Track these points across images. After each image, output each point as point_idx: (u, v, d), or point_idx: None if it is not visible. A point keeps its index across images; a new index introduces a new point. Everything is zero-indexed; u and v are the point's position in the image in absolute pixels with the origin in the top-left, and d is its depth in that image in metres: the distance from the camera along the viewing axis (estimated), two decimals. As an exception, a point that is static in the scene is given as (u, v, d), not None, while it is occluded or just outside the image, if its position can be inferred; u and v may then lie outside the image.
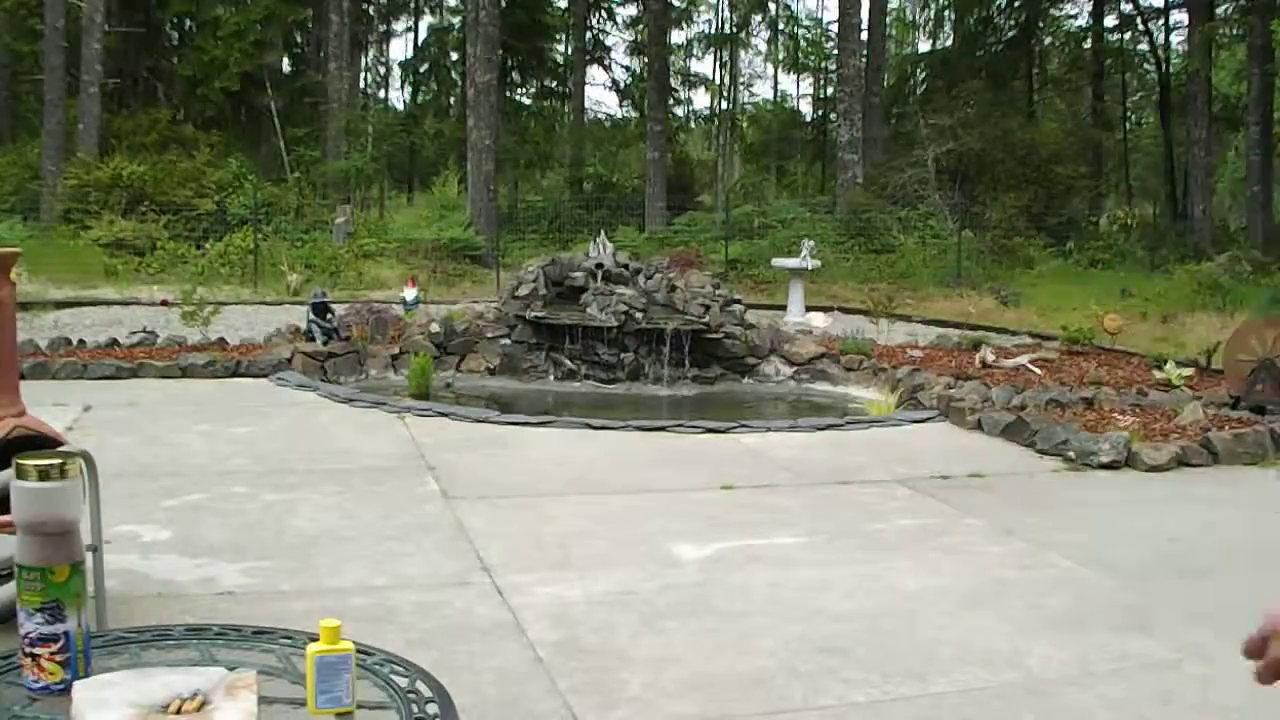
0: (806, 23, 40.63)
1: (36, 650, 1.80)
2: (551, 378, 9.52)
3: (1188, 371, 8.97)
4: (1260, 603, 4.24)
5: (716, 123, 39.67)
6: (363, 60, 36.08)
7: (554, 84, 35.62)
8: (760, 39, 40.22)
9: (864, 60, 26.21)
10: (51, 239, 19.13)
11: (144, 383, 8.28)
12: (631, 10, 34.84)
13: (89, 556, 2.28)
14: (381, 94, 39.37)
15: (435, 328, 9.63)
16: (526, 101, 35.00)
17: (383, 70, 40.50)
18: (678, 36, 34.93)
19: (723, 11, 38.11)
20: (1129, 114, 34.66)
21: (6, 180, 22.76)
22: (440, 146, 31.62)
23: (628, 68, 35.69)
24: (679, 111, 35.67)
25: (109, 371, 8.44)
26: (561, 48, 35.88)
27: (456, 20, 33.88)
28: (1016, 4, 31.41)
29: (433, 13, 37.44)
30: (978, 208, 23.19)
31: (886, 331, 11.68)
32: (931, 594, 4.05)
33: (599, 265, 9.94)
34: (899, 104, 31.79)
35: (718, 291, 10.10)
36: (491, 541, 4.54)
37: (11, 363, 3.63)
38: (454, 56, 34.83)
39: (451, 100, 36.02)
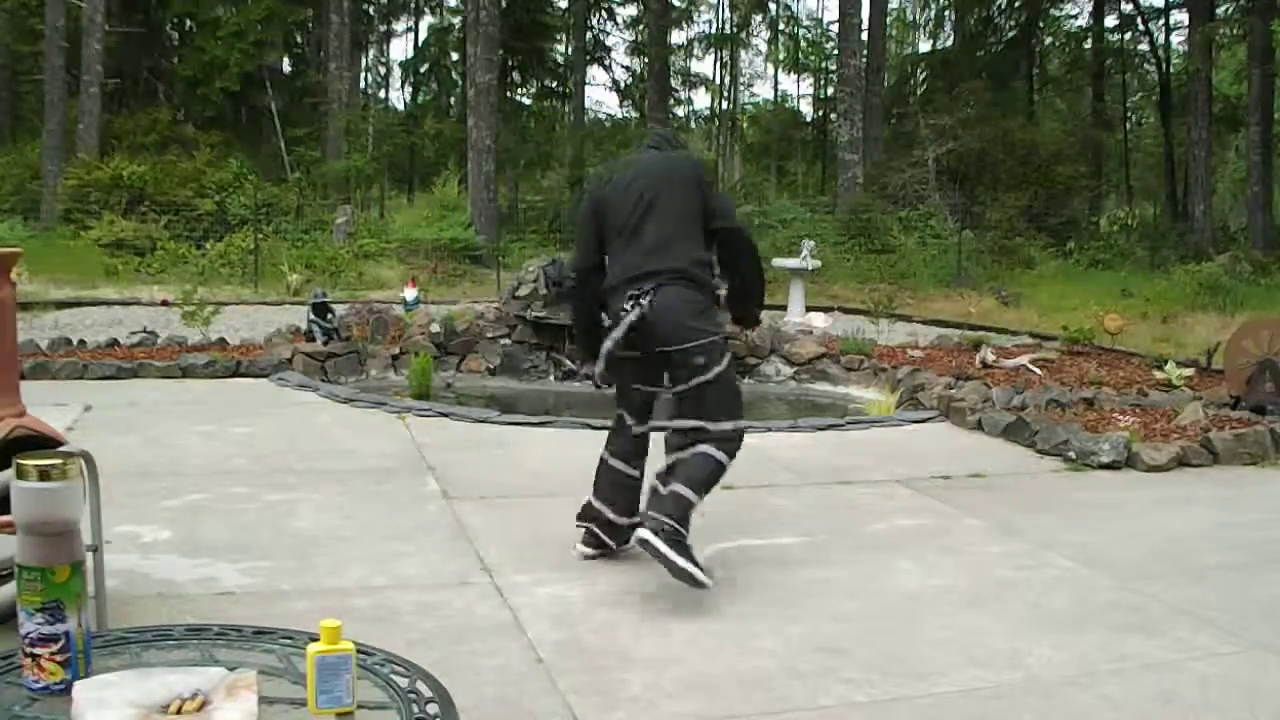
0: (807, 23, 40.71)
1: (37, 650, 1.80)
2: (552, 378, 9.52)
3: (1188, 372, 8.96)
4: (1261, 603, 4.22)
5: (716, 123, 39.70)
6: (363, 60, 36.11)
7: (554, 84, 35.62)
8: (760, 39, 40.26)
9: (864, 60, 26.21)
10: (52, 239, 19.14)
11: (144, 383, 8.29)
12: (631, 10, 34.89)
13: (89, 556, 2.28)
14: (382, 94, 39.41)
15: (435, 328, 9.64)
16: (526, 101, 35.01)
17: (383, 70, 40.54)
18: (678, 36, 34.97)
19: (723, 11, 38.14)
20: (1129, 114, 34.65)
21: (7, 180, 22.77)
22: (440, 146, 31.61)
23: (628, 68, 35.73)
24: (679, 111, 35.72)
25: (109, 372, 8.44)
26: (561, 48, 35.88)
27: (456, 20, 33.90)
28: (1017, 4, 31.42)
29: (433, 13, 37.45)
30: (978, 208, 23.19)
31: (887, 331, 11.68)
32: (932, 594, 4.05)
33: (599, 265, 9.93)
34: (899, 104, 31.77)
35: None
36: (491, 541, 4.54)
37: (12, 363, 3.63)
38: (454, 56, 34.84)
39: (451, 100, 36.02)
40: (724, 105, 39.28)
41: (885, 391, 8.73)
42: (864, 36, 26.10)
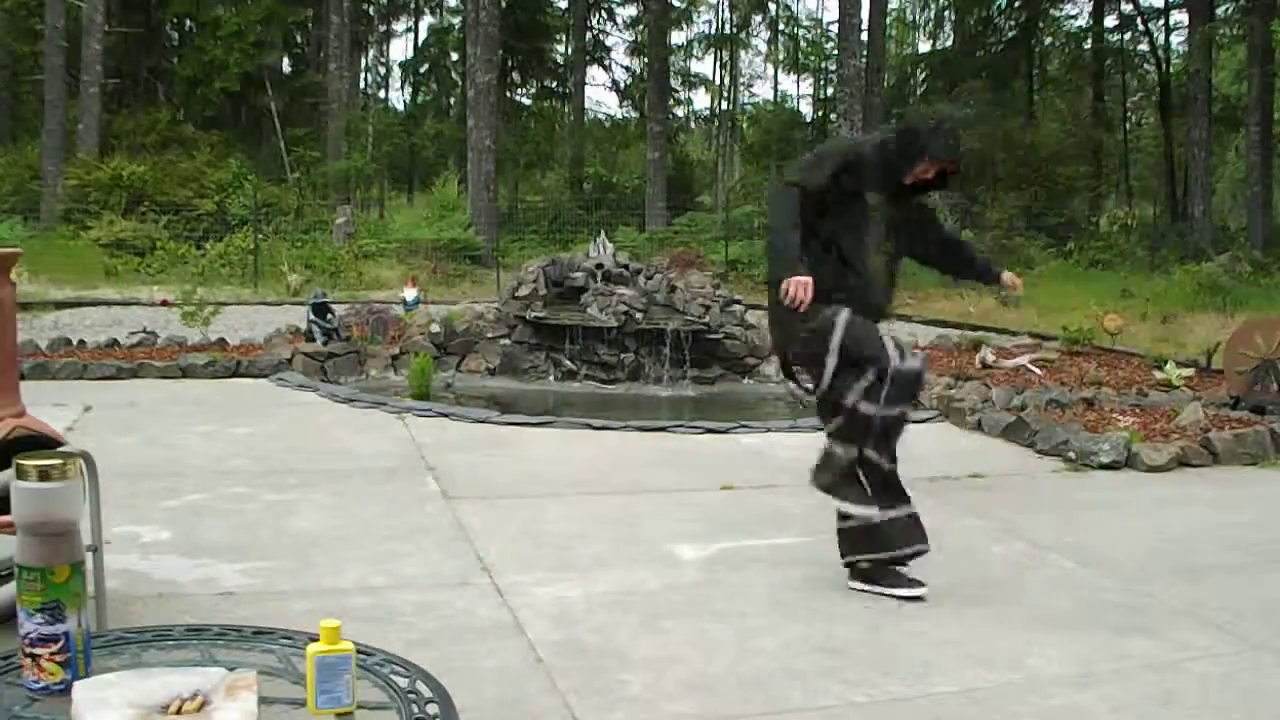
0: (806, 23, 40.62)
1: (36, 651, 1.80)
2: (551, 378, 9.52)
3: (1188, 372, 8.97)
4: (1261, 603, 4.21)
5: (716, 123, 39.67)
6: (363, 60, 36.11)
7: (554, 84, 35.64)
8: (760, 39, 40.22)
9: (864, 60, 26.19)
10: (52, 239, 19.15)
11: (144, 383, 8.29)
12: (631, 10, 34.89)
13: (89, 557, 2.28)
14: (381, 94, 39.41)
15: (435, 328, 9.64)
16: (526, 101, 35.03)
17: (383, 70, 40.54)
18: (678, 37, 34.96)
19: (723, 12, 38.13)
20: (1129, 114, 34.63)
21: (6, 180, 22.79)
22: (440, 146, 31.62)
23: (628, 68, 35.72)
24: (679, 111, 35.71)
25: (109, 372, 8.45)
26: (561, 48, 35.89)
27: (456, 20, 33.92)
28: (1016, 4, 31.40)
29: (433, 13, 37.47)
30: (978, 208, 23.19)
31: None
32: (932, 594, 4.05)
33: (599, 265, 9.94)
34: (899, 104, 31.76)
35: (718, 292, 10.10)
36: (491, 542, 4.53)
37: (11, 363, 3.63)
38: (454, 56, 34.87)
39: (451, 100, 36.04)
40: (724, 105, 39.25)
41: (885, 391, 8.71)
42: (864, 37, 26.08)
